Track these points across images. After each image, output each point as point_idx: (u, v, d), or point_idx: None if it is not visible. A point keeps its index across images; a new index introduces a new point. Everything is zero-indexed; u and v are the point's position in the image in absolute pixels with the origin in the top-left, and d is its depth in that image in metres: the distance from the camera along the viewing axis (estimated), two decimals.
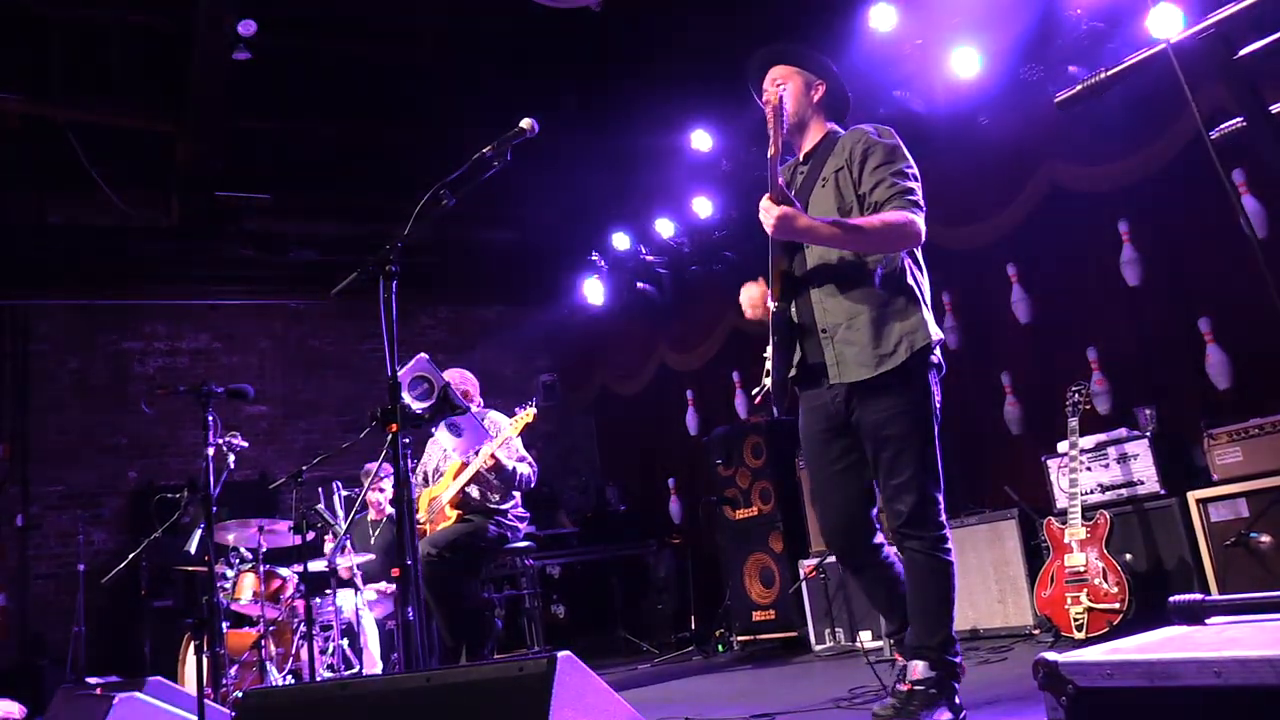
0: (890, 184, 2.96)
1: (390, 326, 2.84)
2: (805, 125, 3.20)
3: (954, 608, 2.93)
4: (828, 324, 3.00)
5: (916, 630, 2.93)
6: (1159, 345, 5.53)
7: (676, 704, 4.53)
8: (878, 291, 2.97)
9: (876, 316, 2.95)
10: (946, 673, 2.86)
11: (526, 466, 5.25)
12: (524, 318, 10.45)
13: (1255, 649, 1.26)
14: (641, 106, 7.42)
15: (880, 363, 2.93)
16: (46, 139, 7.22)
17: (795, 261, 3.09)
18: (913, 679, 2.86)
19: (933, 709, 2.80)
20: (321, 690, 2.36)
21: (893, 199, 2.94)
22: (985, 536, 5.45)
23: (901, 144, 3.06)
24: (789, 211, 2.85)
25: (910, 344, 2.94)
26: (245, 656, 5.41)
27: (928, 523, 2.94)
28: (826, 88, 3.20)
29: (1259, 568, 4.18)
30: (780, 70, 3.21)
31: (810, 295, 3.04)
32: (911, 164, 3.05)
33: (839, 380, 2.98)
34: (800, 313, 3.07)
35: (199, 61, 6.51)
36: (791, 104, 3.14)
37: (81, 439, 8.25)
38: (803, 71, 3.19)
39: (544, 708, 1.73)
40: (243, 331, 9.10)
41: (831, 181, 3.06)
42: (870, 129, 3.09)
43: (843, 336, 2.97)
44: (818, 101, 3.19)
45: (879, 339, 2.93)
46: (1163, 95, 4.61)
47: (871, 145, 3.03)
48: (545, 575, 7.86)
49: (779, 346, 3.05)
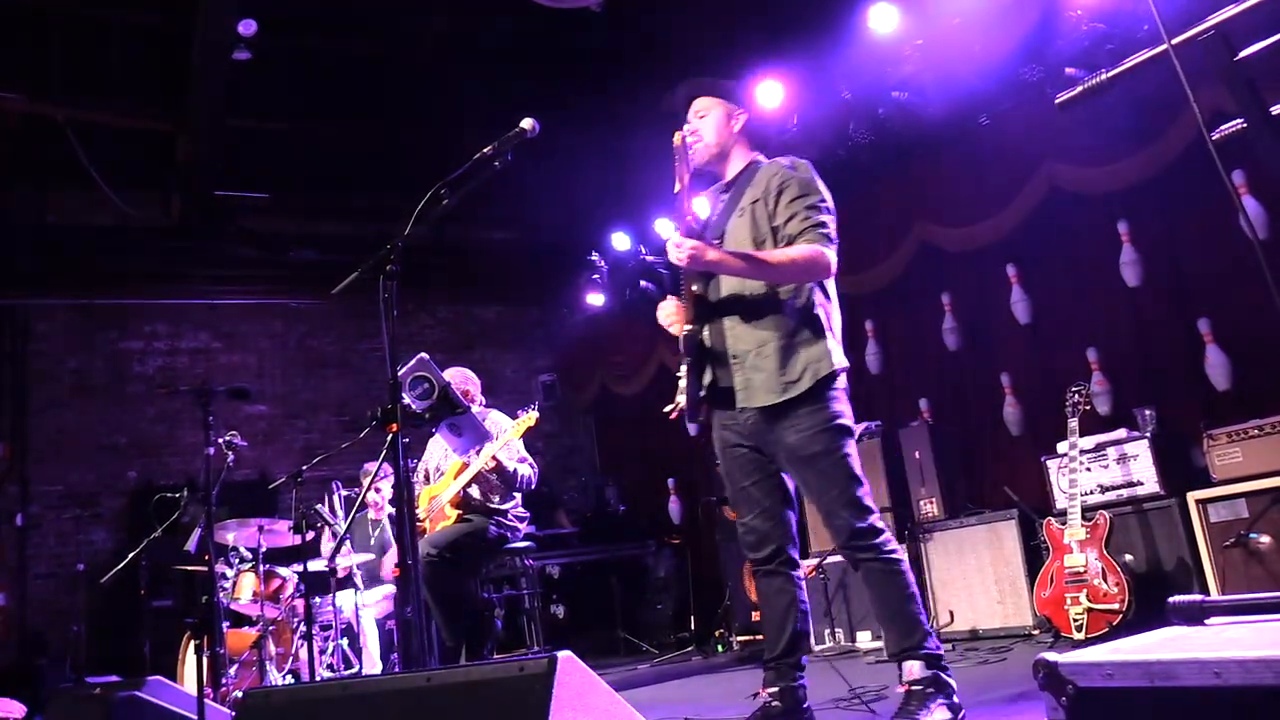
0: (803, 218, 3.07)
1: (390, 326, 2.83)
2: (727, 153, 3.33)
3: (919, 603, 3.01)
4: (738, 350, 3.13)
5: (895, 635, 3.01)
6: (1158, 346, 5.53)
7: (676, 704, 4.54)
8: (786, 321, 3.09)
9: (784, 345, 3.07)
10: (939, 668, 2.93)
11: (528, 468, 5.25)
12: (524, 317, 10.46)
13: (1254, 650, 1.26)
14: (642, 106, 7.40)
15: (786, 389, 3.04)
16: (46, 138, 7.21)
17: (710, 287, 3.20)
18: (909, 679, 2.93)
19: (930, 705, 2.86)
20: (322, 690, 2.36)
21: (805, 232, 3.05)
22: (985, 537, 5.46)
23: (816, 177, 3.18)
24: (698, 247, 3.00)
25: (815, 372, 3.04)
26: (245, 656, 5.42)
27: (868, 532, 3.01)
28: (747, 117, 3.34)
29: (1259, 568, 4.19)
30: (702, 102, 3.33)
31: (723, 321, 3.17)
32: (826, 198, 3.16)
33: (747, 405, 3.11)
34: (712, 337, 3.19)
35: (199, 61, 6.50)
36: (713, 134, 3.29)
37: (81, 438, 8.25)
38: (724, 102, 3.32)
39: (544, 708, 1.73)
40: (242, 331, 9.09)
41: (748, 212, 3.18)
42: (786, 162, 3.22)
43: (751, 363, 3.10)
44: (739, 130, 3.33)
45: (785, 367, 3.05)
46: (1163, 96, 4.61)
47: (787, 179, 3.14)
48: (545, 575, 7.86)
49: (691, 367, 3.17)
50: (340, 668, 5.38)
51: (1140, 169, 5.17)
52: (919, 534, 5.74)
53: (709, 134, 3.29)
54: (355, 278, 3.02)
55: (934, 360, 6.69)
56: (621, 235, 8.10)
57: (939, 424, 6.22)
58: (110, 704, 3.30)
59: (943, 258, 6.45)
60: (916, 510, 5.87)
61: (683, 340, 3.17)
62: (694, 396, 3.18)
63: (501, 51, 7.37)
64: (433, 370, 3.73)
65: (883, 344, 6.98)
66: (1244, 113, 1.63)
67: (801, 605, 3.18)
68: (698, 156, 3.29)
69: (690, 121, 3.32)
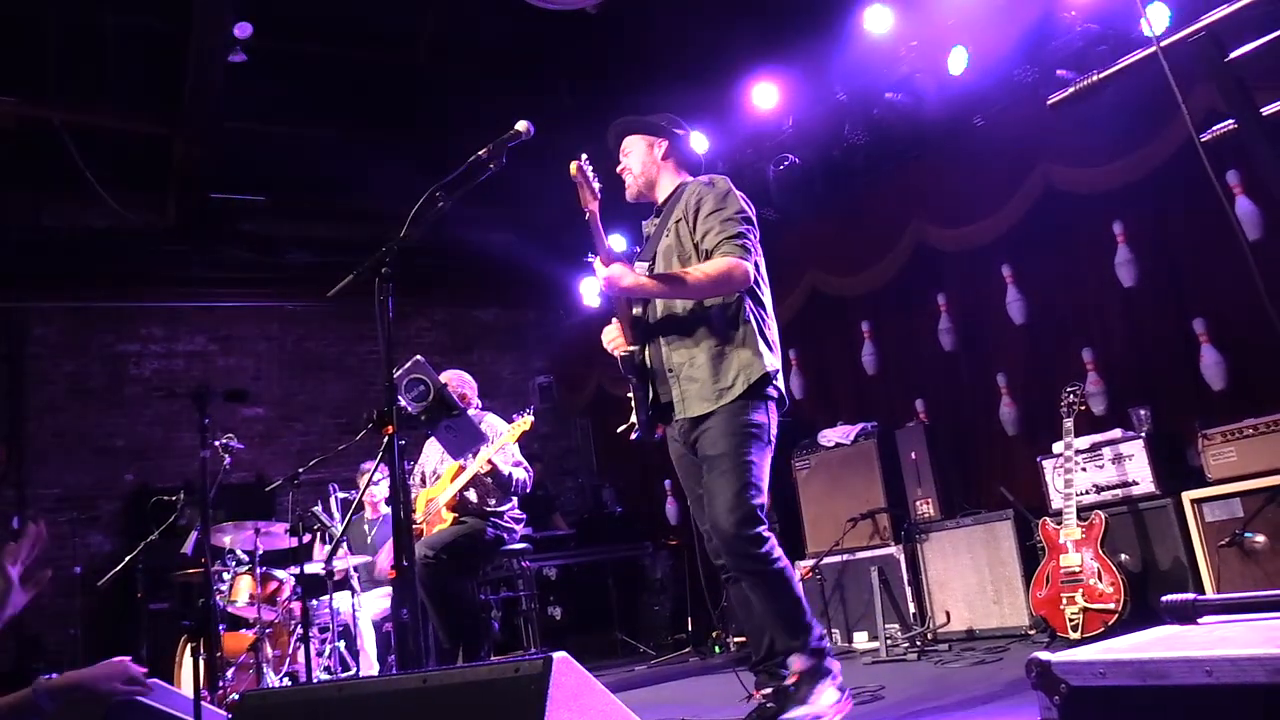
0: (718, 230, 3.18)
1: (386, 328, 2.84)
2: (654, 181, 3.49)
3: (803, 603, 3.11)
4: (673, 364, 3.25)
5: (779, 637, 3.12)
6: (1154, 346, 5.54)
7: (673, 705, 4.54)
8: (716, 331, 3.20)
9: (716, 354, 3.17)
10: (821, 658, 3.06)
11: (523, 471, 5.26)
12: (520, 320, 10.46)
13: (1246, 648, 1.27)
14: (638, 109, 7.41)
15: (720, 396, 3.14)
16: (42, 140, 7.20)
17: (647, 308, 3.35)
18: (795, 670, 3.05)
19: (816, 687, 3.00)
20: (319, 692, 2.36)
21: (721, 245, 3.16)
22: (981, 537, 5.46)
23: (734, 190, 3.29)
24: (615, 272, 3.14)
25: (746, 377, 3.13)
26: (242, 659, 5.41)
27: (753, 540, 3.05)
28: (669, 144, 3.49)
29: (1254, 567, 4.20)
30: (627, 141, 3.54)
31: (659, 339, 3.30)
32: (744, 209, 3.26)
33: (683, 415, 3.22)
34: (651, 355, 3.33)
35: (195, 64, 6.50)
36: (639, 167, 3.49)
37: (77, 441, 8.24)
38: (644, 136, 3.50)
39: (540, 709, 1.73)
40: (239, 334, 9.08)
41: (674, 232, 3.31)
42: (705, 179, 3.36)
43: (686, 374, 3.21)
44: (662, 157, 3.48)
45: (718, 375, 3.16)
46: (1157, 97, 4.59)
47: (704, 195, 3.27)
48: (542, 577, 7.86)
49: (637, 387, 3.32)
50: (337, 670, 5.38)
51: (1135, 169, 5.18)
52: (915, 534, 5.75)
53: (635, 168, 3.48)
54: (351, 280, 3.02)
55: (930, 361, 6.70)
56: (618, 237, 8.10)
57: (935, 424, 6.23)
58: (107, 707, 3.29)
59: (938, 258, 6.46)
60: (913, 510, 5.88)
61: (621, 362, 3.30)
62: (644, 414, 3.31)
63: (497, 54, 7.38)
64: (428, 373, 3.74)
65: (878, 345, 6.99)
66: (1234, 113, 1.64)
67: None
68: (630, 192, 3.49)
69: (620, 161, 3.52)
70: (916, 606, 5.62)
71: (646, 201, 3.53)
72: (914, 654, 5.11)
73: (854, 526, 5.86)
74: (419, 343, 9.43)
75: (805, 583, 6.08)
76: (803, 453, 6.43)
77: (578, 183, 3.21)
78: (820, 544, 6.12)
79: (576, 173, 3.20)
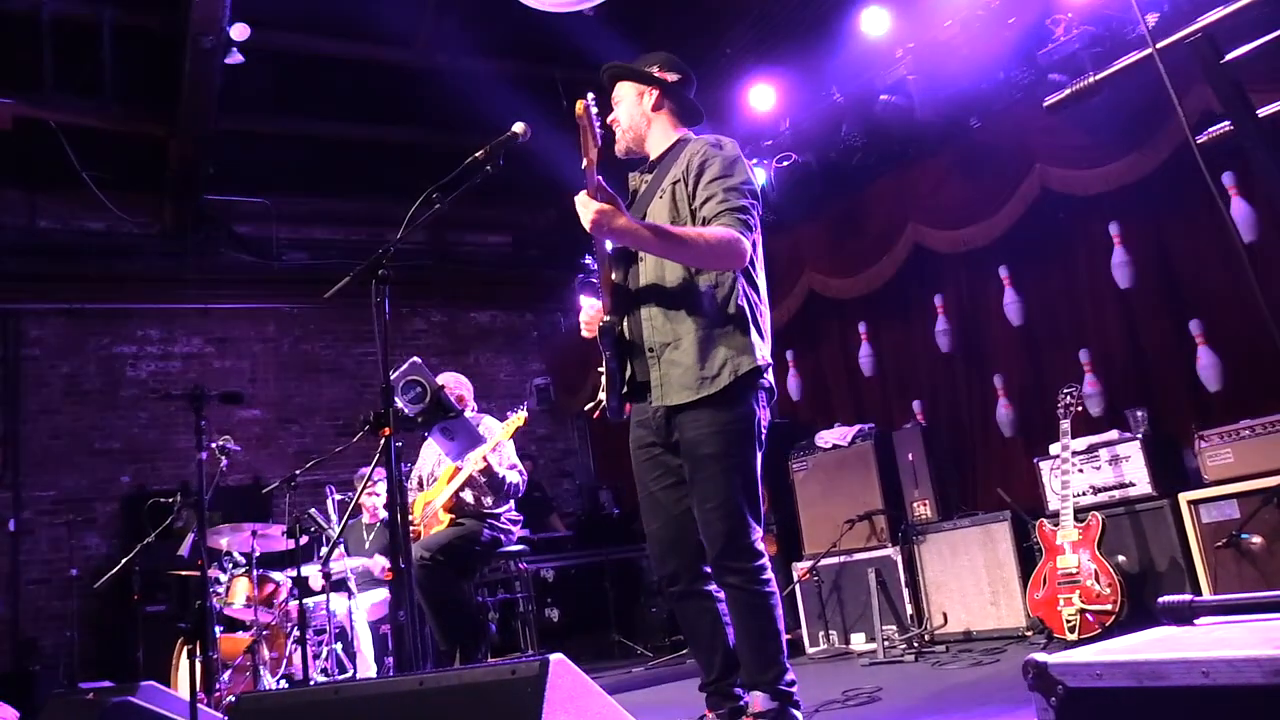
0: (721, 199, 2.86)
1: (383, 330, 2.83)
2: (643, 134, 3.15)
3: (782, 638, 2.83)
4: (655, 342, 2.92)
5: (748, 667, 2.83)
6: (1150, 347, 5.55)
7: (670, 707, 4.53)
8: (707, 312, 2.88)
9: (703, 338, 2.85)
10: (785, 701, 2.78)
11: (516, 475, 5.25)
12: (518, 321, 10.46)
13: (1243, 649, 1.27)
14: None
15: (703, 385, 2.83)
16: (37, 141, 7.19)
17: (629, 275, 3.01)
18: (754, 712, 2.78)
19: None
20: (315, 694, 2.36)
21: (721, 215, 2.84)
22: (978, 538, 5.46)
23: (742, 157, 2.98)
24: (606, 209, 2.74)
25: (735, 368, 2.83)
26: (238, 661, 5.40)
27: (743, 553, 2.80)
28: (660, 91, 3.14)
29: (1251, 569, 4.20)
30: (616, 89, 3.20)
31: (641, 312, 2.96)
32: (750, 180, 2.95)
33: (661, 402, 2.90)
34: (631, 328, 2.99)
35: (191, 65, 6.49)
36: (626, 118, 3.14)
37: (73, 444, 8.23)
38: (633, 83, 3.16)
39: (537, 711, 1.73)
40: (235, 336, 9.08)
41: (669, 194, 2.98)
42: (711, 139, 3.03)
43: (669, 356, 2.89)
44: (652, 108, 3.14)
45: (704, 361, 2.84)
46: (1154, 98, 4.63)
47: (710, 157, 2.94)
48: (539, 579, 7.85)
49: (610, 360, 2.97)
50: (334, 672, 5.37)
51: (1132, 170, 5.19)
52: (912, 536, 5.75)
53: (623, 119, 3.14)
54: (348, 282, 3.00)
55: (927, 362, 6.70)
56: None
57: (932, 426, 6.24)
58: (104, 709, 3.29)
59: (935, 260, 6.46)
60: (910, 512, 5.88)
61: (600, 331, 2.96)
62: (615, 392, 2.99)
63: (494, 55, 7.38)
64: (425, 374, 3.73)
65: (876, 346, 7.00)
66: (1231, 115, 1.64)
67: (725, 619, 2.92)
68: (619, 146, 3.15)
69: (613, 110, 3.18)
70: (914, 608, 5.62)
71: (638, 157, 3.20)
72: (911, 655, 5.11)
73: (851, 528, 5.86)
74: (416, 344, 9.41)
75: (803, 584, 6.08)
76: (800, 454, 6.43)
77: (581, 125, 2.83)
78: (817, 546, 6.12)
79: (582, 112, 2.81)
